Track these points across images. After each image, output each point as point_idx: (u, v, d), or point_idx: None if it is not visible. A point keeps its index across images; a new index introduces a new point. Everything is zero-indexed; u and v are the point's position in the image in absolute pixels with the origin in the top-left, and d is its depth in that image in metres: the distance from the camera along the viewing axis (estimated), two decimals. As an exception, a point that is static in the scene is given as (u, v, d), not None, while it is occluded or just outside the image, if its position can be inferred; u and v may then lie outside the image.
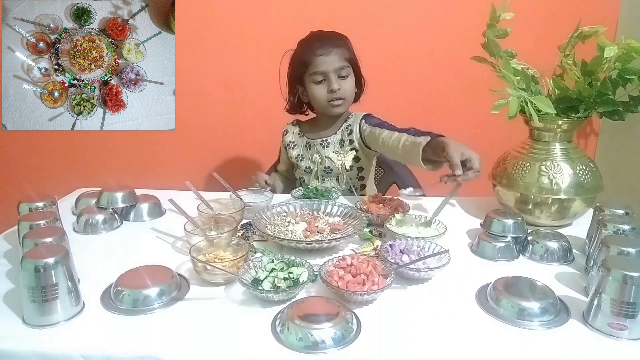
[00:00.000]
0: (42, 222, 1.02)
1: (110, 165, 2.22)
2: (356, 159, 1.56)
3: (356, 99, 1.57)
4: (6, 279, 0.98)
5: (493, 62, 1.25)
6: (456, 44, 1.85)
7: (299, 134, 1.64)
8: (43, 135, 2.09)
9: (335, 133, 1.58)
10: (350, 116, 1.60)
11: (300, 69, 1.51)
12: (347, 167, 1.49)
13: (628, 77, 1.14)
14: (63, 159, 2.23)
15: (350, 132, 1.57)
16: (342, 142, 1.58)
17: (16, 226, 1.05)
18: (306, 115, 1.66)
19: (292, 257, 0.98)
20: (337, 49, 1.46)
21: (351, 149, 1.54)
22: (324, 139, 1.58)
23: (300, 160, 1.62)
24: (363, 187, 1.64)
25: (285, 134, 1.68)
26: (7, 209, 1.24)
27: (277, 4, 2.01)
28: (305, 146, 1.62)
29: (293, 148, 1.64)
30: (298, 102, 1.61)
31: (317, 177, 1.61)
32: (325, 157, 1.57)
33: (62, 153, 2.22)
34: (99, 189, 1.35)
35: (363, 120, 1.55)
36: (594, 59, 1.17)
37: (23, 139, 2.16)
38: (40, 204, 1.14)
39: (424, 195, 1.45)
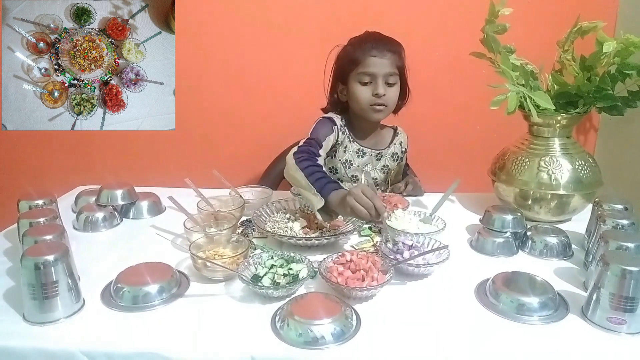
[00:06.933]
0: (41, 219, 1.03)
1: (110, 165, 2.22)
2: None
3: (396, 110, 1.47)
4: (6, 277, 0.98)
5: (492, 57, 1.25)
6: (455, 39, 1.84)
7: (348, 137, 1.45)
8: (43, 135, 2.09)
9: (389, 146, 1.51)
10: (399, 131, 1.55)
11: (347, 67, 1.40)
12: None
13: (627, 72, 1.14)
14: (63, 159, 2.22)
15: (405, 151, 1.56)
16: (394, 156, 1.53)
17: (16, 224, 1.05)
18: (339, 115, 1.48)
19: (292, 254, 0.98)
20: (392, 54, 1.37)
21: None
22: (380, 151, 1.50)
23: (348, 167, 1.47)
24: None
25: (340, 129, 1.43)
26: (7, 206, 1.24)
27: (277, 3, 2.00)
28: (356, 152, 1.47)
29: (344, 151, 1.46)
30: (337, 101, 1.48)
31: None
32: (376, 169, 1.50)
33: (62, 153, 2.22)
34: (99, 186, 1.35)
35: (407, 147, 1.57)
36: (593, 54, 1.17)
37: (23, 139, 2.16)
38: (40, 202, 1.14)
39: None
